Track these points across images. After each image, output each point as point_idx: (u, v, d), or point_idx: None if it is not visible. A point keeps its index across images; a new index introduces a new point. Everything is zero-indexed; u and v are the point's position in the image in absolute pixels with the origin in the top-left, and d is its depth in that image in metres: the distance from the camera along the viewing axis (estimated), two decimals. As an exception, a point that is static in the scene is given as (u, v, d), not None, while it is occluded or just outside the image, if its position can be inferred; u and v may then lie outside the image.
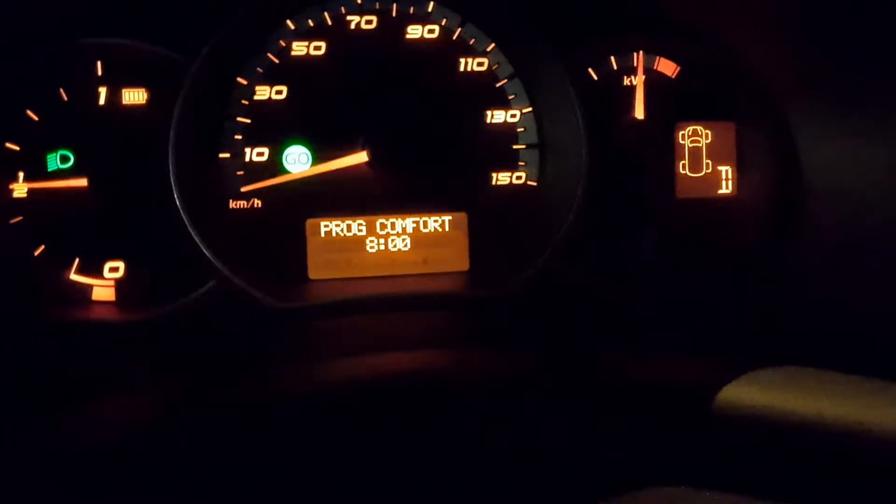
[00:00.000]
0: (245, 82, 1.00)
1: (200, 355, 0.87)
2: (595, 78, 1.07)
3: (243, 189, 1.00)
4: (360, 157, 1.00)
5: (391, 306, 0.96)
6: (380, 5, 1.02)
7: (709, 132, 1.10)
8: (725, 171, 1.10)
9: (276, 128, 1.01)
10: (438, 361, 0.81)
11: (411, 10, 1.03)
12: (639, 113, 1.08)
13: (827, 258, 0.98)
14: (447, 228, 1.05)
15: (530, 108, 1.06)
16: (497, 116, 1.06)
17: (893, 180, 0.91)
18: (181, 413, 0.73)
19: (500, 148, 1.07)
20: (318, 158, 1.01)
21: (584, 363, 0.82)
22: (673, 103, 1.09)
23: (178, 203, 0.94)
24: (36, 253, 0.97)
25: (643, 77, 1.08)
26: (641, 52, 1.08)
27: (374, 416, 0.72)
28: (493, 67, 1.05)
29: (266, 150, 1.01)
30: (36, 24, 0.93)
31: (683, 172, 1.10)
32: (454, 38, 1.04)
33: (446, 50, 1.04)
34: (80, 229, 0.98)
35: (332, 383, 0.76)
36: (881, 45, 0.89)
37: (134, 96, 0.98)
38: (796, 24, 0.95)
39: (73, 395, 0.76)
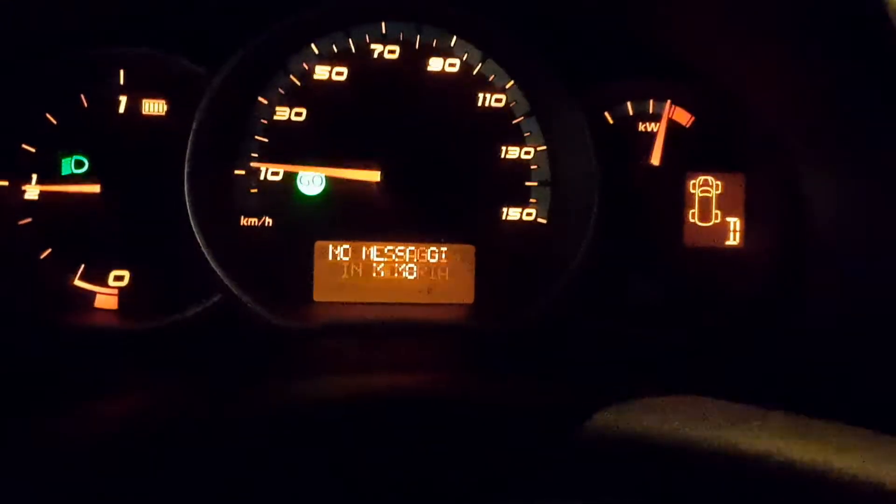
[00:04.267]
0: (265, 102, 1.01)
1: (197, 369, 0.86)
2: (610, 121, 1.08)
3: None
4: (373, 175, 1.01)
5: (392, 333, 0.96)
6: (403, 36, 1.04)
7: (719, 183, 1.11)
8: (734, 222, 1.11)
9: (292, 149, 1.01)
10: (429, 382, 0.80)
11: (434, 42, 1.04)
12: (655, 159, 1.09)
13: (830, 316, 0.99)
14: (454, 259, 1.05)
15: (544, 147, 1.07)
16: (511, 152, 1.07)
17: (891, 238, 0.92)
18: (169, 424, 0.73)
19: (513, 183, 1.07)
20: (331, 181, 1.02)
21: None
22: (686, 152, 1.10)
23: (189, 216, 0.94)
24: (42, 256, 0.96)
25: (665, 124, 1.09)
26: (669, 101, 1.09)
27: (363, 431, 0.72)
28: (511, 104, 1.07)
29: (281, 170, 1.01)
30: (60, 29, 0.94)
31: (692, 221, 1.10)
32: (474, 73, 1.06)
33: (466, 84, 1.06)
34: (88, 236, 0.98)
35: (323, 399, 0.76)
36: (890, 102, 0.90)
37: (154, 107, 0.99)
38: (807, 79, 0.97)
39: (67, 399, 0.75)
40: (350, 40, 1.02)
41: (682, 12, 0.99)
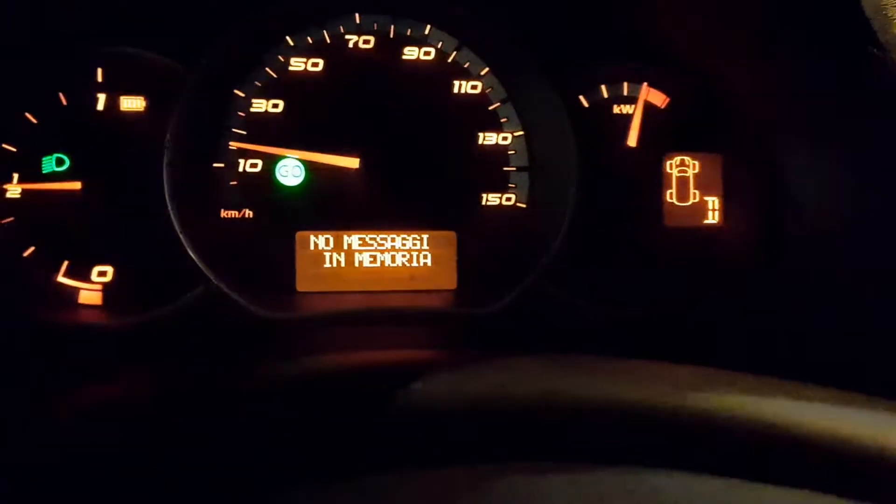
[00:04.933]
0: (242, 95, 1.02)
1: (181, 360, 0.87)
2: (586, 105, 1.09)
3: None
4: (352, 162, 1.02)
5: (376, 321, 0.96)
6: (378, 26, 1.05)
7: (696, 163, 1.12)
8: (712, 201, 1.12)
9: (271, 140, 1.02)
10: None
11: (409, 32, 1.05)
12: (632, 141, 1.10)
13: (808, 287, 1.00)
14: (436, 246, 1.06)
15: (522, 132, 1.08)
16: (489, 138, 1.08)
17: (873, 210, 0.93)
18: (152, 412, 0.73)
19: (491, 169, 1.08)
20: (310, 172, 1.03)
21: None
22: (662, 133, 1.11)
23: (170, 210, 0.95)
24: (25, 254, 0.97)
25: (641, 106, 1.10)
26: (646, 84, 1.10)
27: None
28: (487, 91, 1.08)
29: (260, 162, 1.02)
30: (38, 28, 0.95)
31: (671, 201, 1.11)
32: (449, 60, 1.07)
33: (441, 72, 1.07)
34: (70, 233, 0.98)
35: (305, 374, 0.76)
36: (860, 81, 0.92)
37: (132, 103, 1.00)
38: (780, 61, 0.98)
39: (51, 394, 0.76)
40: (325, 32, 1.03)
41: (660, 4, 1.01)
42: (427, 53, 1.06)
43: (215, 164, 1.01)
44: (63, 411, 0.69)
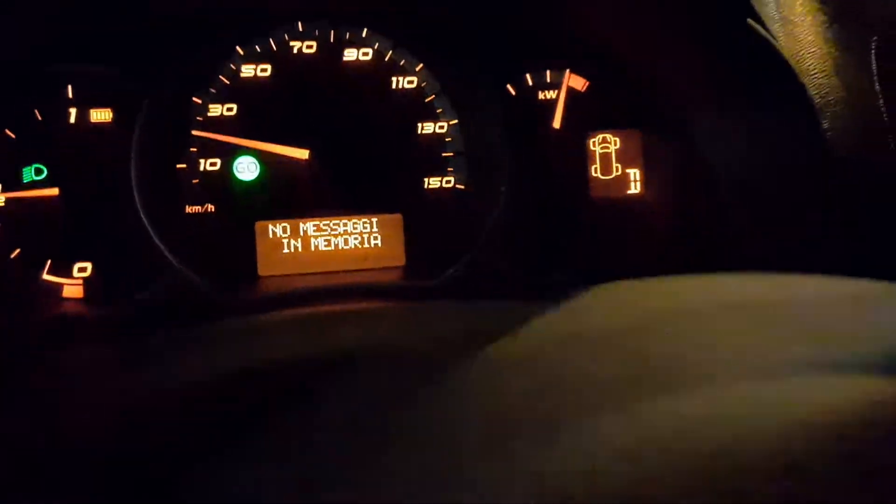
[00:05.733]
0: (199, 101, 1.13)
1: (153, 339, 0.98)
2: (513, 93, 1.20)
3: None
4: (302, 153, 1.13)
5: (334, 296, 1.07)
6: (319, 32, 1.16)
7: (617, 139, 1.23)
8: (633, 173, 1.24)
9: (227, 140, 1.13)
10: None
11: (348, 35, 1.16)
12: (557, 123, 1.22)
13: (726, 249, 1.11)
14: (384, 228, 1.17)
15: (456, 121, 1.19)
16: (427, 128, 1.19)
17: (779, 172, 1.05)
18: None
19: (431, 156, 1.19)
20: (265, 166, 1.14)
21: None
22: (584, 114, 1.22)
23: (139, 208, 1.06)
24: (12, 256, 1.08)
25: (565, 92, 1.22)
26: (568, 71, 1.22)
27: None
28: (423, 85, 1.19)
29: (218, 161, 1.13)
30: (12, 52, 1.06)
31: (595, 175, 1.23)
32: (386, 59, 1.18)
33: (380, 70, 1.18)
34: (52, 234, 1.09)
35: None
36: (760, 61, 1.03)
37: (101, 115, 1.10)
38: (686, 45, 1.09)
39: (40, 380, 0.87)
40: (271, 40, 1.14)
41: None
42: (365, 54, 1.17)
43: (178, 165, 1.12)
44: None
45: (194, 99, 1.13)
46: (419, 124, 1.19)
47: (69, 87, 1.10)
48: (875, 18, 1.03)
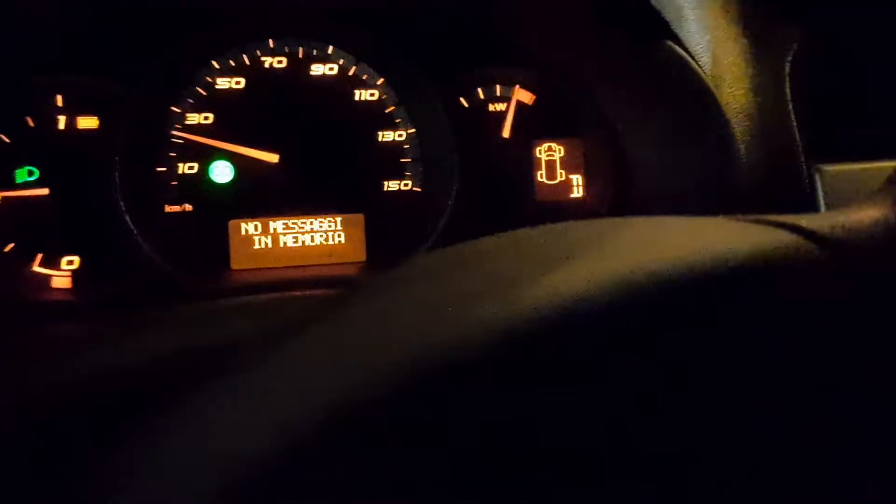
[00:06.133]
0: (178, 111, 1.24)
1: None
2: (466, 105, 1.32)
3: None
4: (272, 157, 1.24)
5: (297, 286, 1.19)
6: (288, 48, 1.27)
7: (561, 148, 1.36)
8: (576, 178, 1.36)
9: (204, 146, 1.24)
10: None
11: (314, 52, 1.28)
12: (506, 133, 1.34)
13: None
14: (347, 226, 1.28)
15: (414, 130, 1.31)
16: (387, 136, 1.31)
17: (704, 183, 1.17)
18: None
19: (390, 161, 1.31)
20: (238, 170, 1.25)
21: None
22: (531, 125, 1.34)
23: (122, 208, 1.17)
24: (5, 250, 1.18)
25: (515, 104, 1.34)
26: (518, 86, 1.34)
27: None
28: (383, 97, 1.31)
29: (196, 165, 1.24)
30: (5, 62, 1.16)
31: (541, 180, 1.35)
32: (350, 74, 1.29)
33: (344, 83, 1.29)
34: (42, 230, 1.19)
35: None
36: (679, 79, 1.15)
37: (87, 122, 1.21)
38: (615, 62, 1.22)
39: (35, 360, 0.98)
40: (244, 55, 1.26)
41: (516, 17, 1.24)
42: (331, 69, 1.29)
43: (158, 168, 1.23)
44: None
45: (173, 108, 1.23)
46: (379, 132, 1.31)
47: (59, 97, 1.20)
48: (789, 39, 1.17)
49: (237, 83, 1.26)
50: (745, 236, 0.50)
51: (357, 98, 1.30)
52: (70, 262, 1.21)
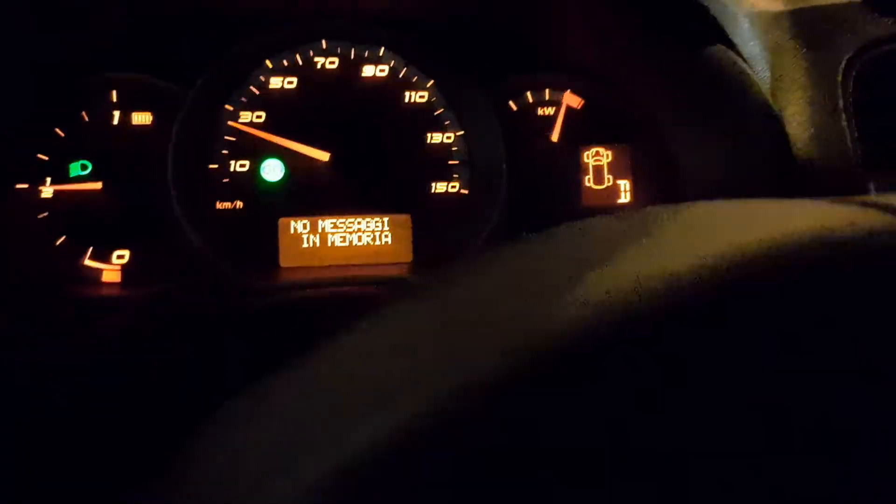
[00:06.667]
0: (231, 108, 1.25)
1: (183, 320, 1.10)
2: (514, 109, 1.32)
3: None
4: (324, 155, 1.25)
5: (345, 285, 1.18)
6: (341, 50, 1.28)
7: (609, 153, 1.35)
8: (624, 184, 1.35)
9: (255, 145, 1.25)
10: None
11: (366, 54, 1.29)
12: (555, 137, 1.34)
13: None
14: (394, 227, 1.28)
15: (462, 132, 1.31)
16: (435, 138, 1.31)
17: (755, 190, 1.17)
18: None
19: (438, 163, 1.31)
20: (289, 168, 1.25)
21: None
22: (579, 130, 1.34)
23: (174, 203, 1.17)
24: (57, 243, 1.19)
25: (564, 108, 1.34)
26: (568, 91, 1.34)
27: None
28: (432, 99, 1.31)
29: (247, 163, 1.25)
30: (64, 60, 1.18)
31: (588, 185, 1.35)
32: (400, 76, 1.30)
33: (394, 85, 1.30)
34: (94, 224, 1.20)
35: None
36: (741, 87, 1.15)
37: (142, 118, 1.22)
38: (665, 67, 1.22)
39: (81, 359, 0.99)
40: (297, 56, 1.26)
41: (564, 23, 1.25)
42: (382, 70, 1.30)
43: (210, 165, 1.24)
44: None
45: (226, 106, 1.24)
46: (428, 134, 1.31)
47: (113, 93, 1.22)
48: (844, 47, 1.16)
49: (290, 83, 1.27)
50: (840, 216, 0.49)
51: (407, 100, 1.30)
52: (120, 257, 1.21)
